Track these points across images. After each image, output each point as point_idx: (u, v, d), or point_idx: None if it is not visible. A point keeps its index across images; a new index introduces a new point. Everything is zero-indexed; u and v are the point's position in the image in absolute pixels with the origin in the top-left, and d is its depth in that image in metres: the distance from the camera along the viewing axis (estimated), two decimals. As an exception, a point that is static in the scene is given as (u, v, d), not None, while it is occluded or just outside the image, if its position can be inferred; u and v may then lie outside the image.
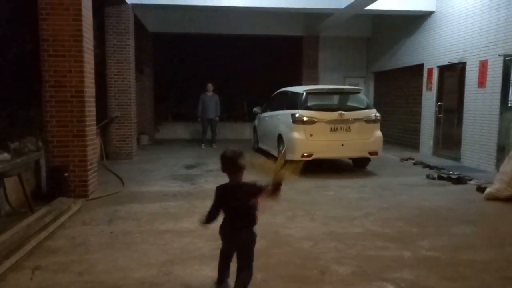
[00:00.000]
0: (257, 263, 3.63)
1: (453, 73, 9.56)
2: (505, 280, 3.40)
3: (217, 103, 11.98)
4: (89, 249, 4.00)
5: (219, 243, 3.84)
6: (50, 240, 4.19)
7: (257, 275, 3.39)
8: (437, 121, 10.17)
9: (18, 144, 5.29)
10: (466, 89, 8.93)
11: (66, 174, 5.69)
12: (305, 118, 7.58)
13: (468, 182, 7.05)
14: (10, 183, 5.08)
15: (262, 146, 10.28)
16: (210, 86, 11.93)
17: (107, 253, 3.88)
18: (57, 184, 5.65)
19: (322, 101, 8.20)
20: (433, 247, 4.06)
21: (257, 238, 4.26)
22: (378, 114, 7.99)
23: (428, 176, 7.51)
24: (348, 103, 8.26)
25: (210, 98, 11.86)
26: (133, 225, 4.72)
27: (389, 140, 11.48)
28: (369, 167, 8.43)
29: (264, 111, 10.32)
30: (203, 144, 12.05)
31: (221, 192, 2.93)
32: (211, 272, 3.46)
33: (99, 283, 3.24)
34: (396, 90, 12.87)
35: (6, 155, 4.83)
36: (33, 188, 5.69)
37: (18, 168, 4.93)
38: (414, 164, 9.00)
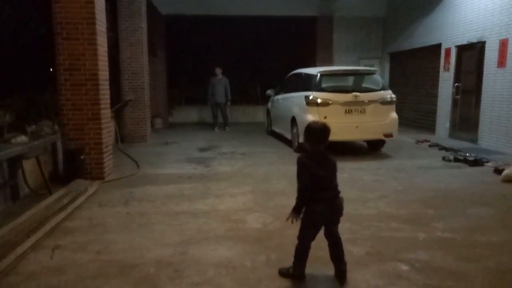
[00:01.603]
0: (271, 243, 3.69)
1: (472, 53, 9.32)
2: (522, 261, 3.37)
3: (227, 87, 11.83)
4: (106, 229, 4.07)
5: (232, 224, 3.89)
6: (68, 220, 4.28)
7: (272, 255, 3.43)
8: (454, 102, 9.97)
9: (35, 127, 5.38)
10: (485, 69, 8.71)
11: (82, 156, 5.77)
12: (319, 100, 7.51)
13: (485, 164, 6.94)
14: (29, 165, 5.18)
15: (275, 129, 10.27)
16: (218, 70, 11.82)
17: (123, 233, 3.95)
18: (73, 167, 5.74)
19: (336, 83, 8.10)
20: (449, 229, 4.03)
21: (271, 219, 4.35)
22: (393, 96, 7.86)
23: (444, 158, 7.41)
24: (363, 85, 8.15)
25: (219, 82, 11.76)
26: (149, 207, 4.79)
27: (404, 122, 11.33)
28: (384, 150, 8.34)
29: (277, 93, 10.26)
30: (216, 128, 12.03)
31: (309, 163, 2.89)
32: (225, 252, 3.50)
33: (117, 262, 3.30)
34: (412, 71, 12.63)
35: (24, 138, 4.91)
36: (50, 171, 5.80)
37: (36, 150, 5.01)
38: (430, 146, 8.88)
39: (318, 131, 2.98)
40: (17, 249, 3.38)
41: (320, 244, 3.06)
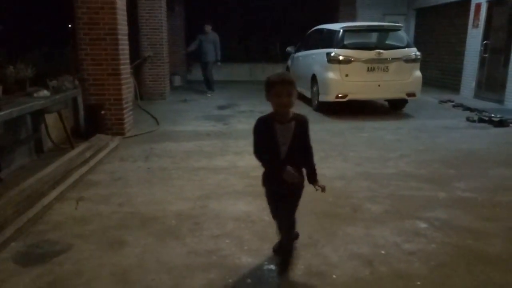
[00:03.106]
0: (290, 199, 3.71)
1: (504, 9, 8.83)
2: (544, 222, 3.32)
3: (216, 45, 10.64)
4: (128, 183, 4.16)
5: (251, 181, 3.91)
6: (90, 174, 4.39)
7: (290, 211, 3.45)
8: (482, 61, 9.58)
9: (56, 82, 5.41)
10: (517, 26, 8.28)
11: (102, 112, 5.83)
12: (340, 57, 7.31)
13: (510, 125, 6.73)
14: (51, 120, 5.26)
15: (295, 87, 10.10)
16: (207, 27, 10.59)
17: (145, 187, 4.04)
18: (94, 122, 5.82)
19: (359, 39, 7.84)
20: (470, 189, 3.98)
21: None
22: (418, 53, 7.59)
23: (468, 119, 7.21)
24: (387, 42, 7.87)
25: (207, 40, 10.57)
26: (169, 162, 4.85)
27: (428, 82, 10.99)
28: (406, 109, 8.17)
29: (297, 50, 10.00)
30: (208, 92, 10.91)
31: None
32: (244, 206, 3.55)
33: (139, 214, 3.39)
34: (439, 28, 12.10)
35: (46, 92, 4.96)
36: (72, 126, 5.90)
37: (58, 105, 5.08)
38: (454, 106, 8.64)
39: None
40: (43, 199, 3.50)
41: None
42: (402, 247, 2.88)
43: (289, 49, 10.66)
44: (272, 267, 2.63)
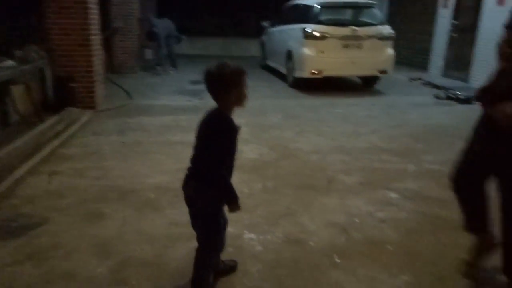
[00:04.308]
0: (267, 172, 3.78)
1: (473, -11, 9.02)
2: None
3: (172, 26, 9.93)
4: (103, 157, 4.10)
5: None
6: (63, 147, 4.28)
7: (268, 183, 3.52)
8: (450, 40, 9.82)
9: (21, 52, 5.18)
10: (484, 7, 8.49)
11: (73, 84, 5.64)
12: (317, 34, 7.32)
13: (474, 102, 7.00)
14: (18, 92, 5.05)
15: (270, 63, 10.07)
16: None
17: (121, 161, 4.00)
18: (64, 95, 5.61)
19: (335, 16, 7.87)
20: (437, 161, 4.16)
21: (267, 150, 4.41)
22: (391, 31, 7.71)
23: (436, 96, 7.45)
24: (361, 19, 7.93)
25: (162, 20, 9.89)
26: (145, 136, 4.80)
27: (399, 60, 11.17)
28: (378, 86, 8.33)
29: (273, 25, 9.92)
30: (170, 69, 10.03)
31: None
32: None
33: (117, 187, 3.37)
34: (411, 7, 12.26)
35: (11, 62, 4.75)
36: (39, 98, 5.67)
37: (25, 76, 4.87)
38: (423, 84, 8.89)
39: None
40: (14, 173, 3.41)
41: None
42: (375, 216, 3.01)
43: (264, 23, 10.55)
44: (253, 236, 2.70)
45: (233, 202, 1.95)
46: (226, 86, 1.86)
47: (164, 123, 5.38)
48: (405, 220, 2.97)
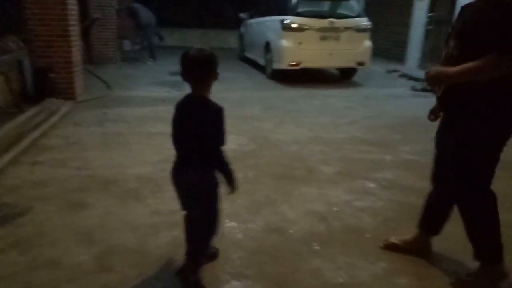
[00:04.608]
0: (248, 162, 3.85)
1: (449, -18, 9.24)
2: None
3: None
4: (84, 147, 4.10)
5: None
6: (44, 138, 4.26)
7: (249, 173, 3.60)
8: (426, 33, 10.05)
9: (0, 42, 5.10)
10: None
11: (52, 75, 5.57)
12: (295, 25, 7.40)
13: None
14: (-5, 82, 4.98)
15: (248, 54, 10.11)
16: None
17: (102, 151, 4.01)
18: (43, 86, 5.56)
19: (313, 7, 7.95)
20: (413, 152, 4.31)
21: (246, 141, 4.49)
22: (369, 23, 7.84)
23: (412, 88, 7.65)
24: (339, 11, 8.03)
25: (143, 7, 10.08)
26: (125, 127, 4.80)
27: (376, 52, 11.37)
28: (356, 78, 8.49)
29: (251, 17, 9.95)
30: (150, 59, 10.27)
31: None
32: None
33: (99, 177, 3.39)
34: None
35: (-12, 53, 4.67)
36: (18, 89, 5.59)
37: (3, 66, 4.80)
38: (400, 76, 9.09)
39: (183, 61, 1.95)
40: (-5, 163, 3.39)
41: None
42: (353, 205, 3.12)
43: (242, 15, 10.56)
44: (234, 224, 2.77)
45: (234, 182, 2.11)
46: (210, 68, 1.92)
47: (143, 114, 5.38)
48: (382, 209, 3.08)
